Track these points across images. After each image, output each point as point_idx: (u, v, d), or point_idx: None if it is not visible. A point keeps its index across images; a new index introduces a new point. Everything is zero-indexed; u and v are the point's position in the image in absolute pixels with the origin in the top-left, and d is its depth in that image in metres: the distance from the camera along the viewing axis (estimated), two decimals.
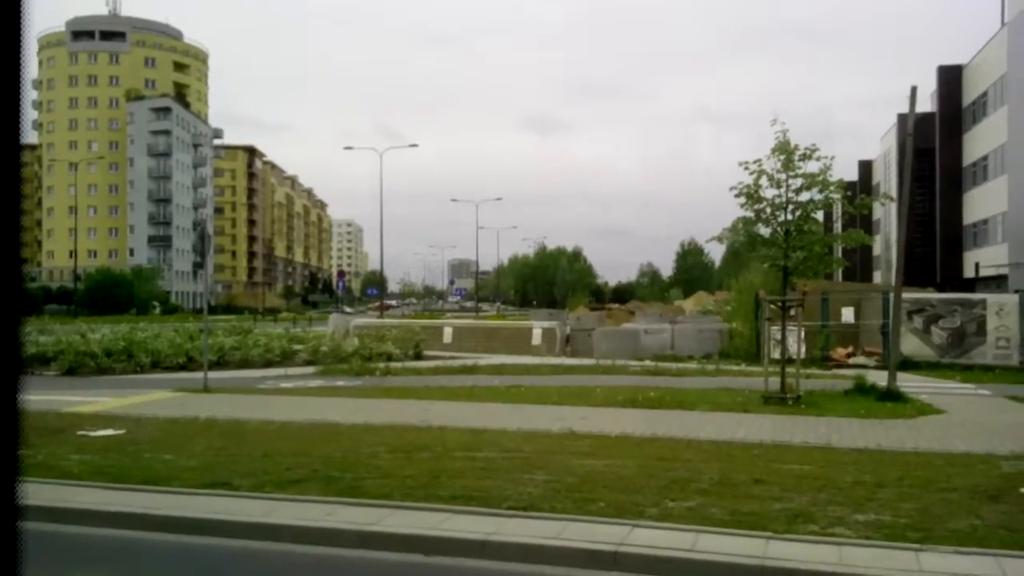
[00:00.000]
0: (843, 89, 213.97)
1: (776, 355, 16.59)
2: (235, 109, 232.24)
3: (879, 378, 16.47)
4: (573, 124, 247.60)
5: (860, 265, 67.56)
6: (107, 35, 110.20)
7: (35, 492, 7.63)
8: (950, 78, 53.66)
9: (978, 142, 50.22)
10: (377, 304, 73.56)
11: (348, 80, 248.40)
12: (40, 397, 15.40)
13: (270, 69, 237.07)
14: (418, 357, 26.08)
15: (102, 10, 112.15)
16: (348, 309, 76.84)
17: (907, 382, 17.13)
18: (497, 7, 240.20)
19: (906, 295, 20.73)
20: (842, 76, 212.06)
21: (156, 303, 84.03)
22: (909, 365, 21.24)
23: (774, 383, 15.14)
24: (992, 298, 24.10)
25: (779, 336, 16.64)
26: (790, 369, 15.41)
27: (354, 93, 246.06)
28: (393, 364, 23.00)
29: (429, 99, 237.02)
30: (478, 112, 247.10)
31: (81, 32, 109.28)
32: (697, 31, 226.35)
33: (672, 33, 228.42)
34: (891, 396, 15.04)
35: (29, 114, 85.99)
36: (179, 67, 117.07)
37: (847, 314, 25.40)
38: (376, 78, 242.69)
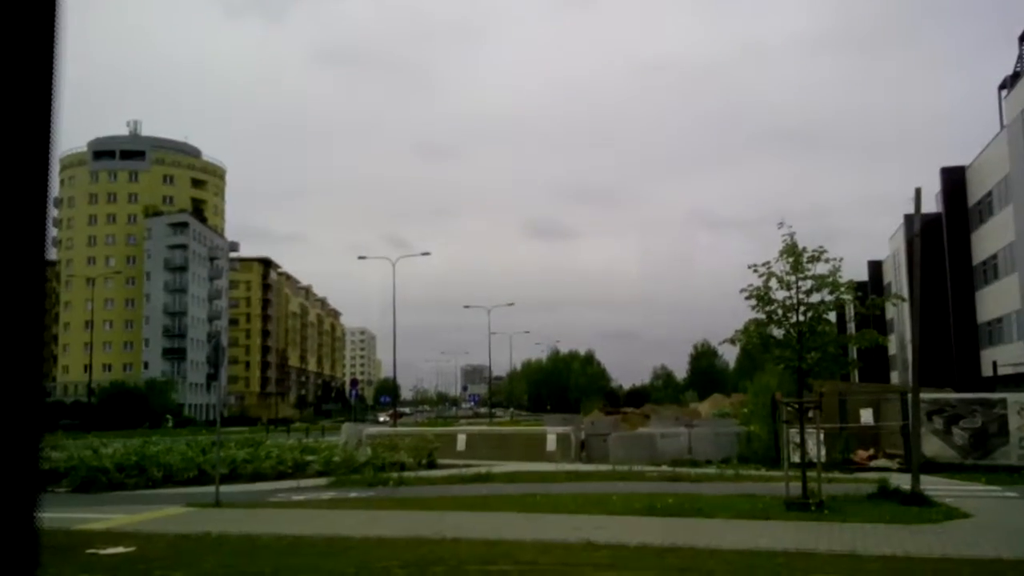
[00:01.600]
0: (842, 191, 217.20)
1: (796, 458, 16.31)
2: (247, 221, 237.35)
3: (902, 481, 16.14)
4: (577, 230, 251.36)
5: (876, 366, 67.02)
6: (127, 154, 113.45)
7: None
8: (954, 179, 54.42)
9: (986, 241, 50.52)
10: (390, 412, 73.06)
11: (354, 192, 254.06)
12: (50, 515, 15.20)
13: (278, 182, 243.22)
14: (431, 466, 25.75)
15: (123, 130, 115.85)
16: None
17: (931, 485, 16.76)
18: (495, 117, 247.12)
19: (924, 395, 20.49)
20: (841, 179, 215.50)
21: (169, 416, 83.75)
22: (932, 467, 20.81)
23: (795, 488, 14.84)
24: (1012, 397, 23.77)
25: (798, 439, 16.39)
26: (811, 473, 15.12)
27: (360, 205, 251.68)
28: (406, 473, 22.70)
29: (434, 209, 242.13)
30: (483, 221, 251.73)
31: (102, 152, 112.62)
32: (693, 137, 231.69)
33: (669, 139, 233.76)
34: (916, 500, 14.71)
35: (51, 232, 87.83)
36: (197, 183, 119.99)
37: (866, 415, 25.06)
38: (380, 190, 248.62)
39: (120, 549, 11.72)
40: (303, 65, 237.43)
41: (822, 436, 18.55)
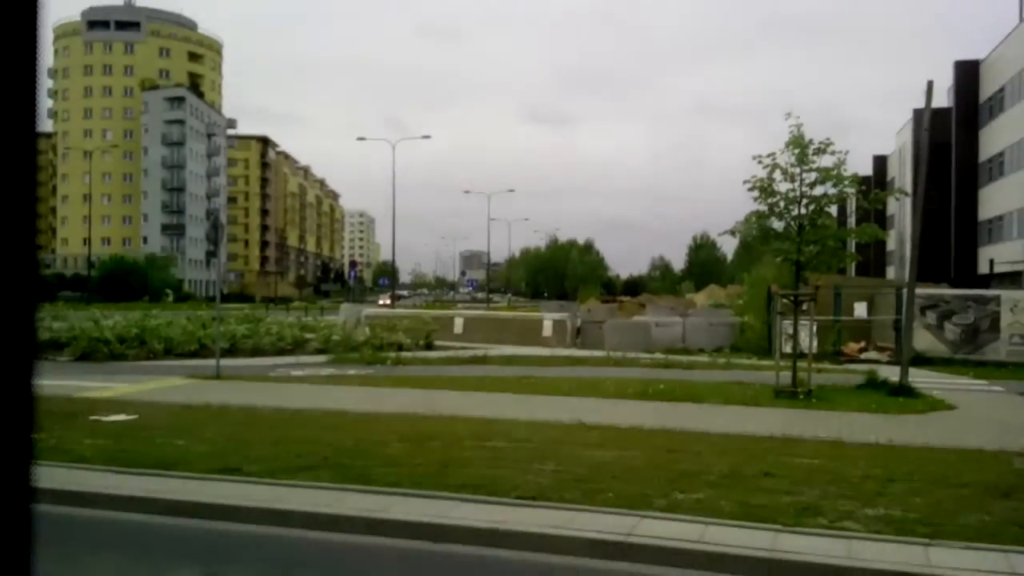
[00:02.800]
0: (853, 84, 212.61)
1: (788, 349, 16.54)
2: (246, 99, 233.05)
3: (891, 373, 16.41)
4: (580, 117, 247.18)
5: (874, 261, 67.19)
6: (122, 25, 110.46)
7: (48, 475, 7.70)
8: (967, 73, 53.25)
9: (995, 138, 49.85)
10: (389, 294, 73.60)
11: (353, 74, 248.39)
12: (53, 382, 15.51)
13: (276, 61, 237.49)
14: (429, 347, 26.11)
15: (118, 0, 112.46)
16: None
17: (919, 378, 17.06)
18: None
19: (920, 291, 20.62)
20: (852, 71, 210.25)
21: (169, 291, 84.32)
22: (922, 361, 21.14)
23: (785, 377, 15.11)
24: (1006, 294, 23.96)
25: (791, 330, 16.58)
26: (802, 363, 15.36)
27: (359, 87, 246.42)
28: (404, 354, 23.05)
29: (436, 92, 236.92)
30: (484, 105, 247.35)
31: (96, 22, 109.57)
32: (700, 25, 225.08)
33: (676, 26, 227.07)
34: (903, 391, 14.99)
35: (44, 102, 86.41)
36: (193, 57, 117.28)
37: (860, 309, 25.29)
38: (380, 72, 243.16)
39: (123, 417, 11.99)
40: None
41: (815, 328, 18.76)
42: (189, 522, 7.19)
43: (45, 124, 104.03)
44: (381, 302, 68.76)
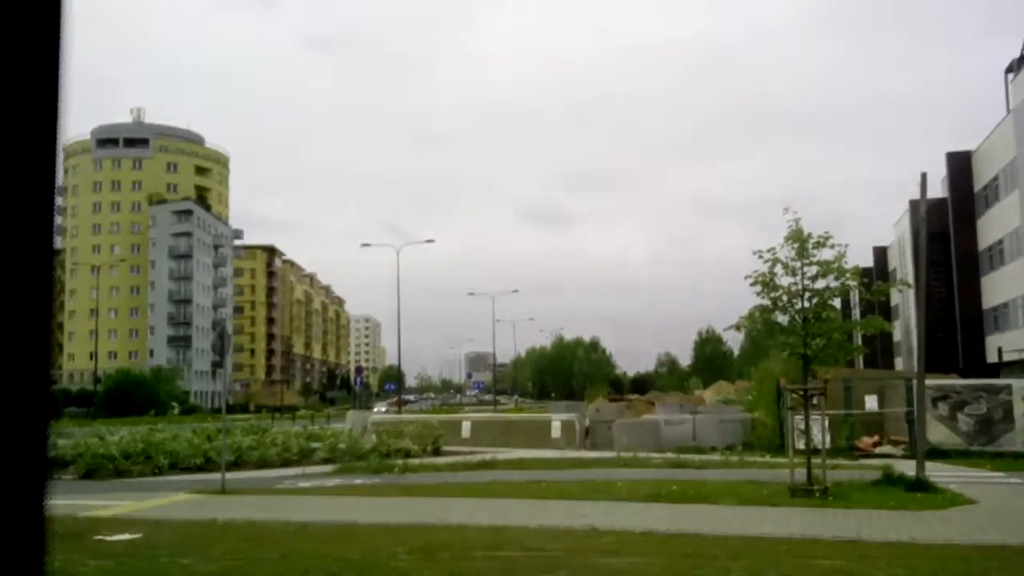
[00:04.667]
0: (845, 178, 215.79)
1: (801, 445, 16.32)
2: (247, 208, 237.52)
3: (907, 468, 16.13)
4: (578, 216, 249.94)
5: (881, 352, 66.96)
6: (131, 142, 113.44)
7: None
8: (960, 164, 54.20)
9: (992, 226, 50.35)
10: (393, 400, 73.14)
11: (353, 181, 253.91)
12: (58, 501, 15.23)
13: (279, 171, 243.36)
14: (437, 453, 25.81)
15: (127, 118, 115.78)
16: (380, 407, 72.50)
17: (936, 471, 16.76)
18: (493, 104, 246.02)
19: (929, 381, 20.46)
20: (842, 165, 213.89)
21: (174, 403, 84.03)
22: (937, 454, 20.80)
23: (800, 475, 14.85)
24: (1017, 383, 23.72)
25: (803, 426, 16.41)
26: (816, 460, 15.12)
27: (359, 193, 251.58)
28: (412, 461, 22.76)
29: (434, 197, 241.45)
30: (483, 208, 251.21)
31: (106, 140, 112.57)
32: (693, 122, 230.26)
33: (668, 125, 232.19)
34: (921, 486, 14.70)
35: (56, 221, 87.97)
36: (201, 171, 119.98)
37: (871, 402, 25.05)
38: (379, 178, 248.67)
39: (127, 536, 11.77)
40: (298, 52, 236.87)
41: (827, 423, 18.56)
42: None
43: (56, 242, 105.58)
44: (379, 408, 68.20)
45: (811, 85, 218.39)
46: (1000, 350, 46.31)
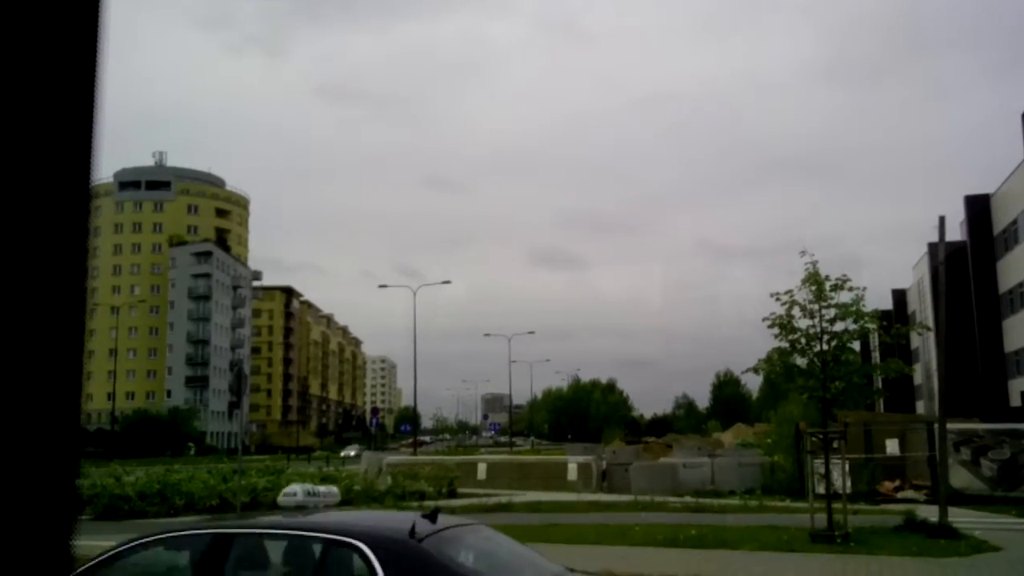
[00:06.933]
0: (860, 221, 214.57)
1: (821, 490, 16.11)
2: (264, 251, 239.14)
3: (930, 513, 15.88)
4: (590, 259, 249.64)
5: (902, 395, 66.22)
6: (152, 184, 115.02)
7: None
8: (978, 207, 54.05)
9: (1012, 269, 50.01)
10: (410, 441, 72.92)
11: (366, 224, 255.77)
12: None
13: (297, 213, 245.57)
14: (452, 495, 25.64)
15: (148, 161, 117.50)
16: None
17: (959, 517, 16.47)
18: (501, 151, 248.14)
19: (951, 426, 20.20)
20: (857, 208, 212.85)
21: (191, 444, 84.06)
22: (960, 499, 20.44)
23: (820, 520, 14.64)
24: None
25: (823, 470, 16.20)
26: (837, 504, 14.91)
27: (373, 236, 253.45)
28: (427, 503, 22.61)
29: (447, 240, 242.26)
30: (496, 251, 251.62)
31: (128, 183, 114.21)
32: (702, 168, 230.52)
33: (678, 170, 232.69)
34: (944, 532, 14.45)
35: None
36: (221, 213, 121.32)
37: (891, 446, 24.73)
38: (392, 222, 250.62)
39: None
40: (312, 101, 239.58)
41: (847, 467, 18.32)
42: None
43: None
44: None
45: (823, 130, 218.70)
46: (1023, 394, 45.69)
